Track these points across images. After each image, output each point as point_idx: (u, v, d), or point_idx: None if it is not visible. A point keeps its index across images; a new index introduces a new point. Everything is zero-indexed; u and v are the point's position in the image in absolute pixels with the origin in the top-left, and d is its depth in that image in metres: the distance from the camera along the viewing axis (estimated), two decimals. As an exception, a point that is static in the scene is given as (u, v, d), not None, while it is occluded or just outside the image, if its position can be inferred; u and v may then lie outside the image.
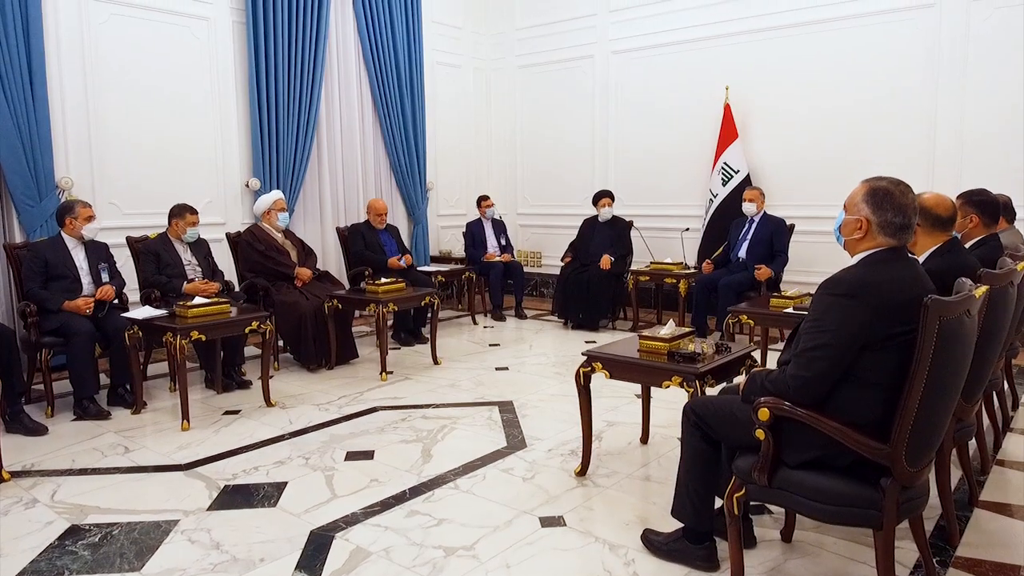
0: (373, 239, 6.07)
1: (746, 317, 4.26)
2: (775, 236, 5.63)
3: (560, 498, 2.91)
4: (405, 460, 3.33)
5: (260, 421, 3.95)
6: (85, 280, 4.26)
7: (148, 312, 4.05)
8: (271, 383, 4.36)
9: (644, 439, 3.54)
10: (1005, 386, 3.61)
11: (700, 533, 2.36)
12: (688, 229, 6.81)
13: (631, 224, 6.79)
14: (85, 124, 5.18)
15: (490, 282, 6.97)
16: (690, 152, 7.02)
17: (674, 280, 6.14)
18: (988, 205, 3.18)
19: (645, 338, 3.04)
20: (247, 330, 4.17)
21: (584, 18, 7.63)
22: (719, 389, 2.60)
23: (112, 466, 3.31)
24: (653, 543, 2.47)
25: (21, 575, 2.38)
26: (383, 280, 5.04)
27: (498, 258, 7.10)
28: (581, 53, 7.71)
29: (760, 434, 2.02)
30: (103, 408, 4.02)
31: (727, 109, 6.59)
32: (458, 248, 7.88)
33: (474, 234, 7.25)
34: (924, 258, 2.63)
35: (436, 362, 5.19)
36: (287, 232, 5.46)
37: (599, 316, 6.46)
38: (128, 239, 4.84)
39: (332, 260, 6.69)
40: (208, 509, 2.84)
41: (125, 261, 4.90)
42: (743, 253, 5.72)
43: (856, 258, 2.05)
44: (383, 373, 4.79)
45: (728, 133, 6.60)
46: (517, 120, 8.40)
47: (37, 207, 4.85)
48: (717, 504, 2.37)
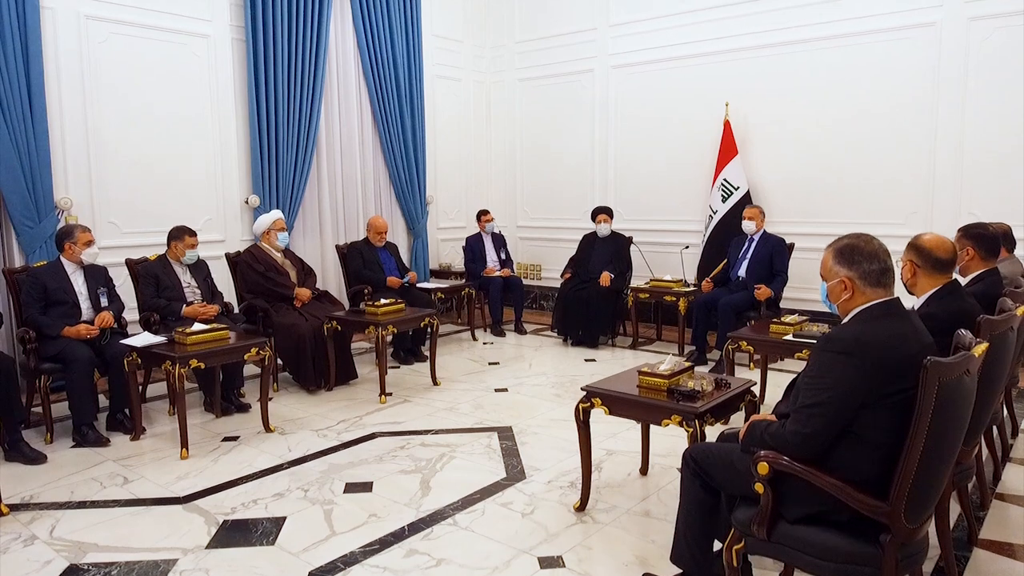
0: (372, 257, 6.07)
1: (746, 343, 4.25)
2: (775, 256, 5.63)
3: (559, 536, 2.90)
4: (404, 493, 3.33)
5: (259, 448, 3.94)
6: (84, 305, 4.25)
7: (147, 339, 4.05)
8: (270, 405, 4.36)
9: (644, 470, 3.53)
10: (1004, 412, 3.60)
11: (699, 580, 2.36)
12: (688, 247, 6.81)
13: (630, 240, 6.79)
14: (84, 143, 5.18)
15: (490, 297, 6.96)
16: (690, 168, 7.02)
17: (674, 299, 6.13)
18: (987, 240, 3.17)
19: (645, 374, 3.03)
20: (246, 356, 4.16)
21: (584, 32, 7.63)
22: (718, 434, 2.59)
23: (111, 498, 3.31)
24: (652, 588, 2.47)
25: (19, 620, 2.38)
26: (382, 301, 5.04)
27: (498, 273, 7.10)
28: (581, 67, 7.71)
29: (759, 488, 2.02)
30: (102, 435, 4.02)
31: (727, 125, 6.59)
32: (458, 261, 7.88)
33: (474, 248, 7.25)
34: (924, 300, 2.62)
35: (435, 383, 5.19)
36: (287, 251, 5.45)
37: (599, 333, 6.45)
38: (127, 261, 4.83)
39: (332, 277, 6.70)
40: (207, 547, 2.84)
41: (124, 280, 4.90)
42: (743, 272, 5.71)
43: (851, 314, 2.05)
44: (382, 395, 4.79)
45: (728, 149, 6.60)
46: (517, 133, 8.40)
47: (36, 228, 4.85)
48: (717, 546, 2.36)
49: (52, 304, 4.14)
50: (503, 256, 7.32)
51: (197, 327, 4.07)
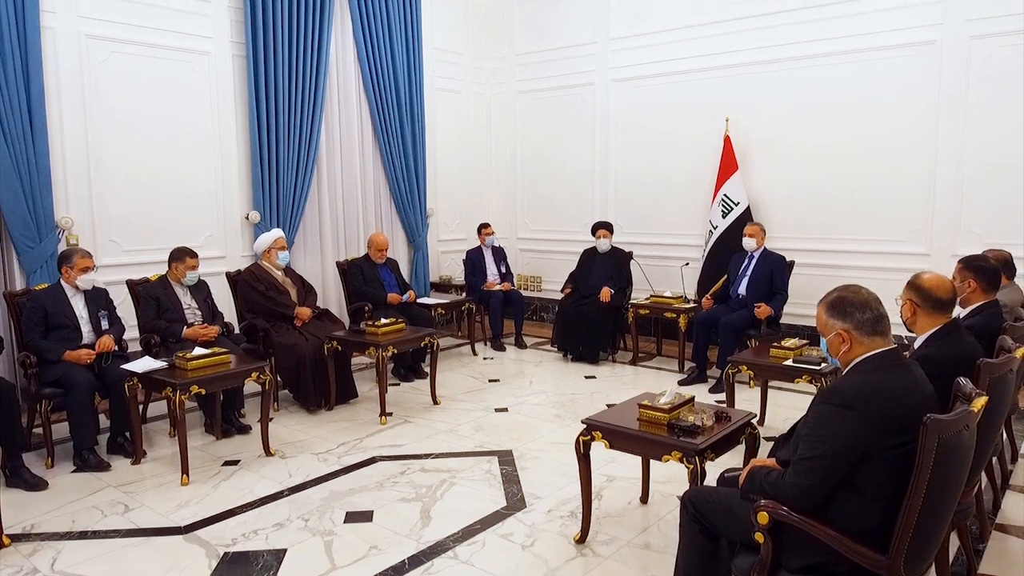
0: (372, 274, 6.07)
1: (746, 368, 4.26)
2: (775, 273, 5.63)
3: (559, 571, 2.91)
4: (404, 523, 3.33)
5: (259, 474, 3.95)
6: (85, 328, 4.26)
7: (148, 364, 4.05)
8: (270, 426, 4.36)
9: (644, 498, 3.54)
10: (1003, 437, 3.60)
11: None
12: (688, 264, 6.81)
13: (630, 255, 6.79)
14: (84, 162, 5.18)
15: (490, 311, 6.97)
16: (690, 183, 7.03)
17: (674, 315, 6.13)
18: (987, 272, 3.18)
19: (645, 407, 3.04)
20: (247, 381, 4.17)
21: (585, 45, 7.63)
22: (719, 475, 2.59)
23: (112, 528, 3.31)
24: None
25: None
26: (382, 320, 5.04)
27: (498, 286, 7.10)
28: (581, 80, 7.71)
29: (759, 537, 2.02)
30: (103, 459, 4.02)
31: (727, 141, 6.59)
32: (458, 273, 7.88)
33: (474, 262, 7.25)
34: (924, 339, 2.63)
35: (436, 402, 5.20)
36: (287, 270, 5.45)
37: (599, 349, 6.46)
38: (128, 282, 4.83)
39: (332, 293, 6.70)
40: (208, 582, 2.85)
41: (124, 298, 4.89)
42: (743, 290, 5.72)
43: (851, 365, 2.06)
44: (383, 416, 4.79)
45: (728, 165, 6.60)
46: (517, 145, 8.41)
47: (37, 248, 4.85)
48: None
49: (53, 328, 4.14)
50: (503, 269, 7.32)
51: (198, 351, 4.07)
